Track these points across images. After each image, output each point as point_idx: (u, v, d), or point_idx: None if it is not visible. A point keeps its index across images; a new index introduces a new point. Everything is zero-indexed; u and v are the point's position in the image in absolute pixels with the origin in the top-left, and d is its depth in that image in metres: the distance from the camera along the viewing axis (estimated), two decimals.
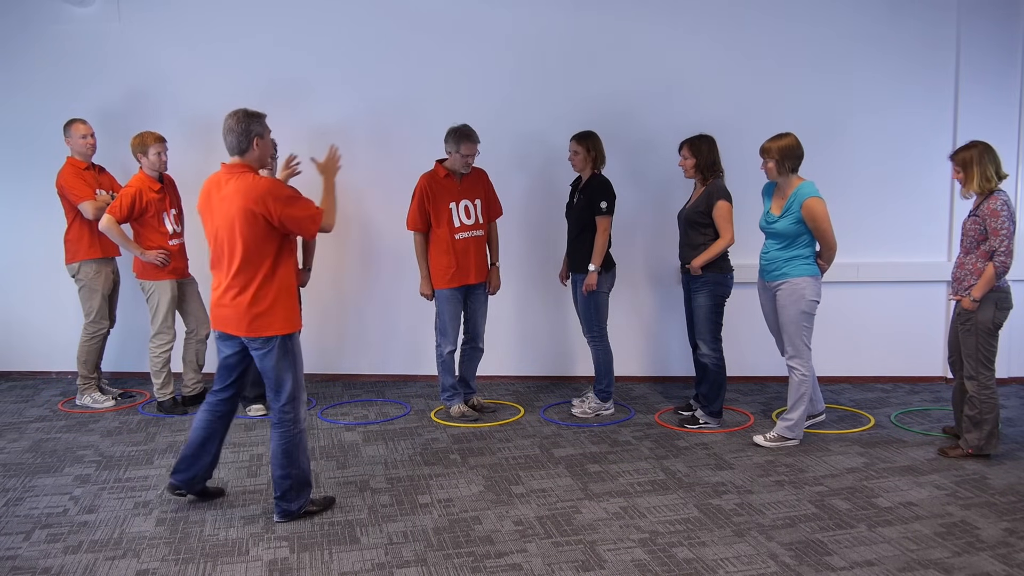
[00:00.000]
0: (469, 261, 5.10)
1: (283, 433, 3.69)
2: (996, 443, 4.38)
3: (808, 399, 4.68)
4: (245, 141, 3.60)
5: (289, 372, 3.66)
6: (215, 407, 3.84)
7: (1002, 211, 4.17)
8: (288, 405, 3.67)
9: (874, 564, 3.31)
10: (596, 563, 3.34)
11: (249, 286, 3.58)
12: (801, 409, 4.66)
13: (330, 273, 6.07)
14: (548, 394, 5.75)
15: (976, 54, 5.67)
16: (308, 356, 5.98)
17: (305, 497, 3.78)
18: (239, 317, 3.60)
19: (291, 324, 3.67)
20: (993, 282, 4.21)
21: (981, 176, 4.23)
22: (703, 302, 4.88)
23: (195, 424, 3.84)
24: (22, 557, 3.43)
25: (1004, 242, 4.16)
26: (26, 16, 5.94)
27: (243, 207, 3.50)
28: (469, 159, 5.01)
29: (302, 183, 5.99)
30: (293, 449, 3.69)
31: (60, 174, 5.31)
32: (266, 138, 3.68)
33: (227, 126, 3.61)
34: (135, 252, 5.16)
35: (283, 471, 3.69)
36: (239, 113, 3.62)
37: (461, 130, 4.97)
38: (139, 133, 5.18)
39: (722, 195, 4.79)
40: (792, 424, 4.67)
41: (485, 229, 5.16)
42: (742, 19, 5.71)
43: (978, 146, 4.27)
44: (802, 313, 4.58)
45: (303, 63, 5.87)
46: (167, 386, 5.34)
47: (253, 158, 3.65)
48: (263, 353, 3.64)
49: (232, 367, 3.78)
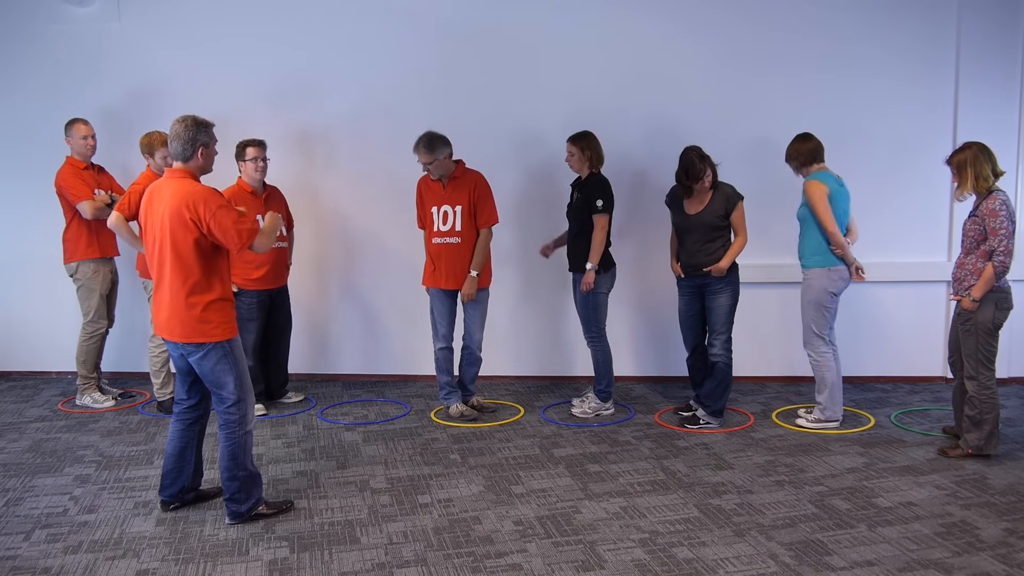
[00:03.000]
0: (441, 266, 5.08)
1: (228, 435, 3.68)
2: (996, 443, 4.38)
3: (832, 383, 4.87)
4: (190, 149, 3.59)
5: (229, 375, 3.64)
6: (183, 416, 3.83)
7: (1001, 211, 4.17)
8: (233, 407, 3.66)
9: (874, 564, 3.31)
10: (596, 563, 3.34)
11: (181, 291, 3.56)
12: (826, 391, 4.88)
13: (330, 273, 6.08)
14: (548, 394, 5.75)
15: (976, 54, 5.67)
16: (308, 356, 6.09)
17: (256, 498, 3.77)
18: (172, 323, 3.59)
19: (226, 331, 3.62)
20: (992, 282, 4.21)
21: (975, 177, 4.23)
22: (725, 302, 4.91)
23: (168, 437, 3.84)
24: (22, 557, 3.43)
25: (1003, 242, 4.15)
26: (25, 16, 5.94)
27: (175, 209, 3.50)
28: (429, 167, 4.97)
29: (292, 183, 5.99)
30: (239, 451, 3.69)
31: (59, 174, 5.31)
32: (211, 148, 3.66)
33: (174, 131, 3.60)
34: (141, 250, 5.17)
35: (229, 473, 3.69)
36: (187, 120, 3.60)
37: (417, 139, 4.95)
38: (147, 133, 5.19)
39: (738, 197, 4.87)
40: (824, 407, 4.92)
41: (466, 237, 5.04)
42: (741, 19, 5.70)
43: (972, 147, 4.28)
44: (812, 303, 4.81)
45: (303, 63, 5.87)
46: (167, 385, 5.34)
47: (196, 166, 3.64)
48: (199, 358, 3.62)
49: (186, 371, 3.76)
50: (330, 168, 5.98)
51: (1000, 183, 4.29)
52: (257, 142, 5.15)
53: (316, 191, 5.94)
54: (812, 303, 4.82)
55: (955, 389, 4.58)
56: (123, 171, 5.74)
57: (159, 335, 3.72)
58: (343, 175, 5.99)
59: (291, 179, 5.77)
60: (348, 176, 5.98)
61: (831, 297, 4.80)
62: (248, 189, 5.16)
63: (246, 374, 3.72)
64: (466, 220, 5.02)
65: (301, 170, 5.92)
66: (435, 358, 5.23)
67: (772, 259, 5.63)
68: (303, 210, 5.80)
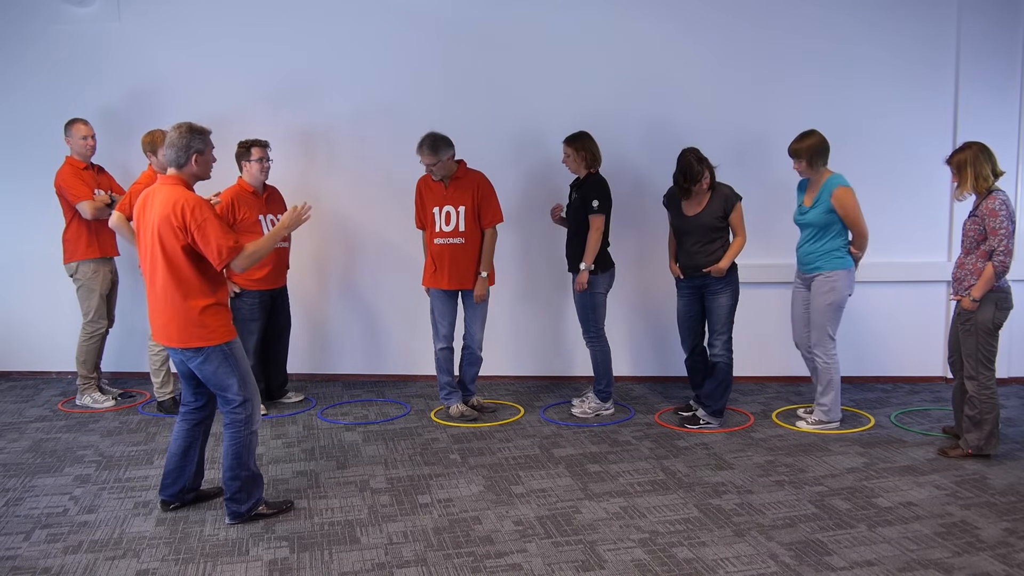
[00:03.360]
0: (444, 267, 5.06)
1: (233, 434, 3.68)
2: (996, 443, 4.39)
3: (837, 384, 4.87)
4: (184, 156, 3.58)
5: (232, 377, 3.63)
6: (188, 417, 3.83)
7: (1000, 210, 4.18)
8: (239, 407, 3.66)
9: (874, 564, 3.31)
10: (596, 563, 3.34)
11: (176, 297, 3.55)
12: (831, 394, 4.88)
13: (330, 273, 6.08)
14: (548, 394, 5.75)
15: (976, 54, 5.67)
16: (308, 356, 6.08)
17: (256, 498, 3.77)
18: (170, 329, 3.59)
19: (224, 334, 3.62)
20: (992, 282, 4.21)
21: (975, 176, 4.24)
22: (725, 302, 4.90)
23: (173, 436, 3.84)
24: (22, 557, 3.43)
25: (1003, 241, 4.16)
26: (26, 16, 5.93)
27: (164, 216, 3.49)
28: (432, 168, 4.96)
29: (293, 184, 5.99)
30: (243, 451, 3.69)
31: (59, 174, 5.31)
32: (206, 154, 3.65)
33: (169, 138, 3.58)
34: None
35: (232, 472, 3.69)
36: (183, 127, 3.59)
37: (421, 140, 4.94)
38: (150, 131, 5.18)
39: (737, 197, 4.86)
40: (827, 409, 4.91)
41: (469, 237, 5.03)
42: (741, 20, 5.70)
43: (972, 147, 4.28)
44: (831, 305, 4.79)
45: (303, 62, 5.87)
46: (167, 385, 5.35)
47: (190, 173, 3.62)
48: (199, 363, 3.62)
49: (189, 375, 3.75)
50: (330, 168, 5.97)
51: (1000, 183, 4.29)
52: (262, 143, 5.15)
53: (315, 191, 5.93)
54: (833, 306, 4.78)
55: (955, 389, 4.59)
56: (123, 171, 5.74)
57: (158, 342, 3.72)
58: (343, 175, 5.98)
59: (291, 179, 5.76)
60: (348, 176, 5.98)
61: (847, 298, 4.82)
62: (249, 189, 5.16)
63: (249, 374, 3.72)
64: (470, 220, 5.01)
65: (301, 170, 5.92)
66: (436, 358, 5.23)
67: (772, 259, 5.63)
68: None
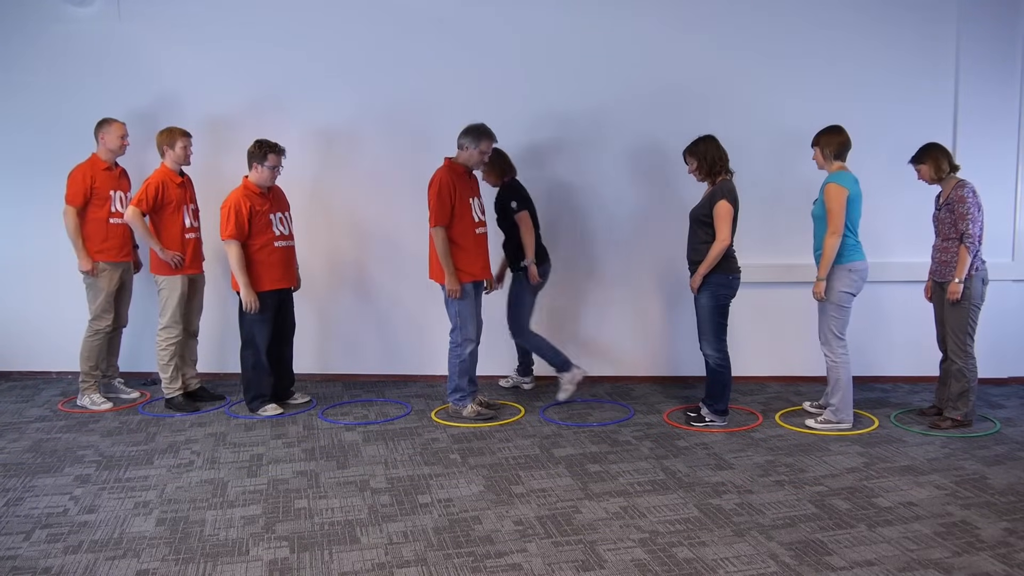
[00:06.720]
0: (481, 257, 5.14)
1: None
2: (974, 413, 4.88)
3: (846, 384, 4.87)
4: None
5: None
6: None
7: (968, 197, 4.68)
8: None
9: (874, 564, 3.31)
10: (596, 563, 3.34)
11: None
12: (840, 394, 4.89)
13: (330, 273, 6.07)
14: (548, 394, 5.75)
15: (976, 54, 5.67)
16: (308, 356, 6.07)
17: None
18: None
19: None
20: (967, 261, 4.65)
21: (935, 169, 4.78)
22: (704, 302, 4.88)
23: None
24: (22, 557, 3.43)
25: (970, 225, 4.65)
26: (26, 16, 5.93)
27: None
28: (487, 155, 5.07)
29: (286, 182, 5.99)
30: None
31: (76, 168, 5.31)
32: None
33: None
34: (155, 247, 5.19)
35: None
36: None
37: (482, 128, 5.01)
38: (167, 128, 5.25)
39: (724, 195, 4.75)
40: (835, 409, 4.91)
41: None
42: (740, 19, 5.70)
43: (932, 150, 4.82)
44: (830, 303, 4.82)
45: (304, 63, 5.86)
46: (175, 380, 5.37)
47: None
48: None
49: None
50: (330, 168, 5.97)
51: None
52: (279, 150, 5.15)
53: (317, 191, 5.94)
54: (832, 304, 4.81)
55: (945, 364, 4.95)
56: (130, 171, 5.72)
57: None
58: (343, 175, 5.98)
59: (291, 179, 5.76)
60: (348, 176, 5.98)
61: (848, 296, 4.80)
62: (257, 190, 5.16)
63: None
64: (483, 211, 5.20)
65: (301, 170, 5.91)
66: (461, 360, 5.12)
67: (778, 259, 5.64)
68: (304, 210, 5.79)
